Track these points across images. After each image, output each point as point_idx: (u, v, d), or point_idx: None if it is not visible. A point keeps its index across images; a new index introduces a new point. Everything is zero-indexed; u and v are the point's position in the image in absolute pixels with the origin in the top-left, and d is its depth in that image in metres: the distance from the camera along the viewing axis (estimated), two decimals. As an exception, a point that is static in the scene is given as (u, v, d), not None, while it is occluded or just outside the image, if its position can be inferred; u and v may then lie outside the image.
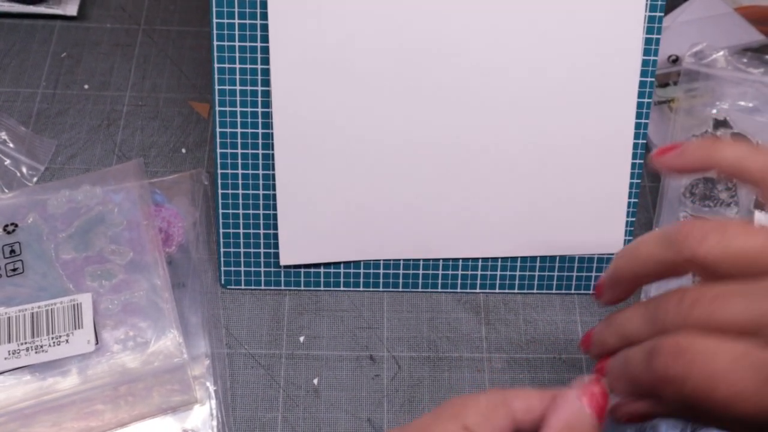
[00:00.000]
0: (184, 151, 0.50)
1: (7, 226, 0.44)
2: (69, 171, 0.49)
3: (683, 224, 0.28)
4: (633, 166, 0.44)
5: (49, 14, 0.55)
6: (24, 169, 0.48)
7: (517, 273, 0.45)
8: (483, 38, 0.41)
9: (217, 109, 0.42)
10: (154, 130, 0.51)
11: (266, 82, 0.42)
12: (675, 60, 0.54)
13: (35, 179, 0.48)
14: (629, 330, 0.30)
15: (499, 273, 0.45)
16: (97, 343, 0.40)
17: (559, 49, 0.41)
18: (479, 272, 0.45)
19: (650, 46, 0.42)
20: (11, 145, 0.48)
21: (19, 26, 0.55)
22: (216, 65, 0.41)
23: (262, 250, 0.44)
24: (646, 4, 0.41)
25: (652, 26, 0.42)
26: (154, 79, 0.53)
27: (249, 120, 0.42)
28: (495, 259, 0.45)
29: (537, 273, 0.45)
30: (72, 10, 0.55)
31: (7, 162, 0.48)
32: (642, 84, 0.42)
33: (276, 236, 0.44)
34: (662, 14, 0.42)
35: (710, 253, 0.27)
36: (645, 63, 0.42)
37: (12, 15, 0.55)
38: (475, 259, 0.45)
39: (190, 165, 0.49)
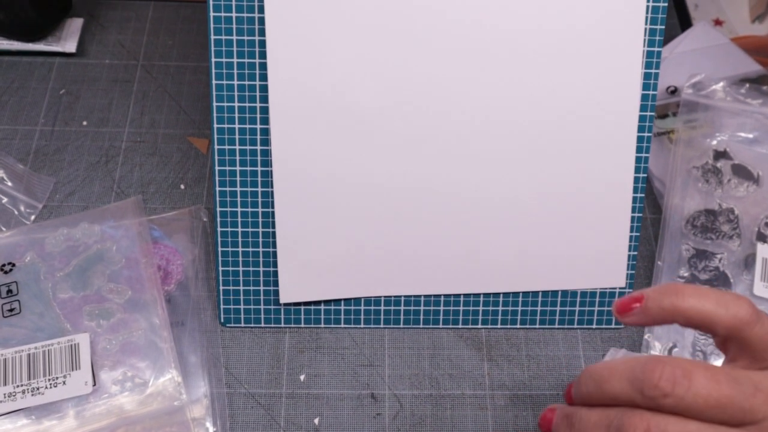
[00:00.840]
0: (182, 187, 0.50)
1: (4, 265, 0.43)
2: (67, 209, 0.48)
3: (651, 367, 0.29)
4: (634, 200, 0.44)
5: (48, 51, 0.55)
6: (22, 208, 0.48)
7: (519, 308, 0.45)
8: (483, 79, 0.41)
9: (216, 147, 0.42)
10: (153, 167, 0.51)
11: (265, 120, 0.42)
12: (674, 91, 0.54)
13: (33, 217, 0.48)
14: None
15: (501, 308, 0.45)
16: (94, 384, 0.40)
17: (557, 86, 0.41)
18: (481, 308, 0.45)
19: (649, 80, 0.42)
20: (9, 183, 0.48)
21: (18, 63, 0.55)
22: (215, 104, 0.41)
23: (261, 288, 0.44)
24: (645, 40, 0.41)
25: (651, 61, 0.42)
26: (153, 115, 0.53)
27: (248, 158, 0.42)
28: (497, 294, 0.45)
29: (539, 308, 0.45)
30: (71, 47, 0.55)
31: (5, 200, 0.48)
32: (642, 118, 0.42)
33: (276, 274, 0.44)
34: (660, 49, 0.42)
35: (678, 406, 0.28)
36: (644, 97, 0.42)
37: (11, 52, 0.55)
38: (477, 295, 0.44)
39: (189, 201, 0.49)
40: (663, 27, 0.41)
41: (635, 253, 0.45)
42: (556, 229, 0.43)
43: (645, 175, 0.43)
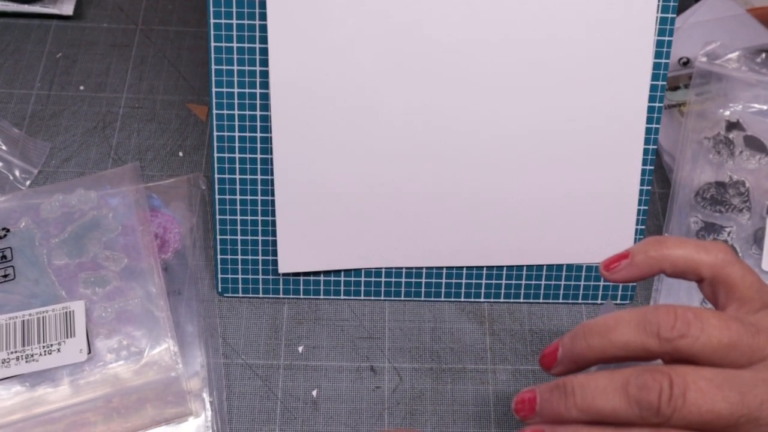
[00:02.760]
0: (181, 154, 0.49)
1: (-2, 231, 0.43)
2: (63, 174, 0.48)
3: (664, 311, 0.29)
4: (643, 172, 0.43)
5: (45, 14, 0.54)
6: (17, 173, 0.47)
7: (523, 282, 0.44)
8: (490, 44, 0.40)
9: (215, 112, 0.41)
10: (151, 133, 0.50)
11: (265, 85, 0.40)
12: (686, 62, 0.53)
13: (28, 183, 0.47)
14: (603, 407, 0.28)
15: (504, 282, 0.44)
16: (89, 353, 0.39)
17: (568, 52, 0.40)
18: (484, 281, 0.44)
19: (662, 48, 0.41)
20: (4, 147, 0.47)
21: (14, 26, 0.54)
22: (213, 67, 0.40)
23: (260, 257, 0.43)
24: (658, 6, 0.40)
25: (664, 28, 0.40)
26: (152, 81, 0.52)
27: (247, 123, 0.41)
28: (500, 267, 0.44)
29: (543, 282, 0.44)
30: (68, 9, 0.54)
31: (0, 165, 0.47)
32: (653, 87, 0.41)
33: (274, 243, 0.43)
34: (674, 15, 0.40)
35: (692, 347, 0.28)
36: (656, 66, 0.41)
37: (7, 14, 0.54)
38: (480, 268, 0.44)
39: (187, 169, 0.48)
40: (677, -7, 0.40)
41: (642, 227, 0.44)
42: (562, 201, 0.42)
43: (655, 146, 0.42)
